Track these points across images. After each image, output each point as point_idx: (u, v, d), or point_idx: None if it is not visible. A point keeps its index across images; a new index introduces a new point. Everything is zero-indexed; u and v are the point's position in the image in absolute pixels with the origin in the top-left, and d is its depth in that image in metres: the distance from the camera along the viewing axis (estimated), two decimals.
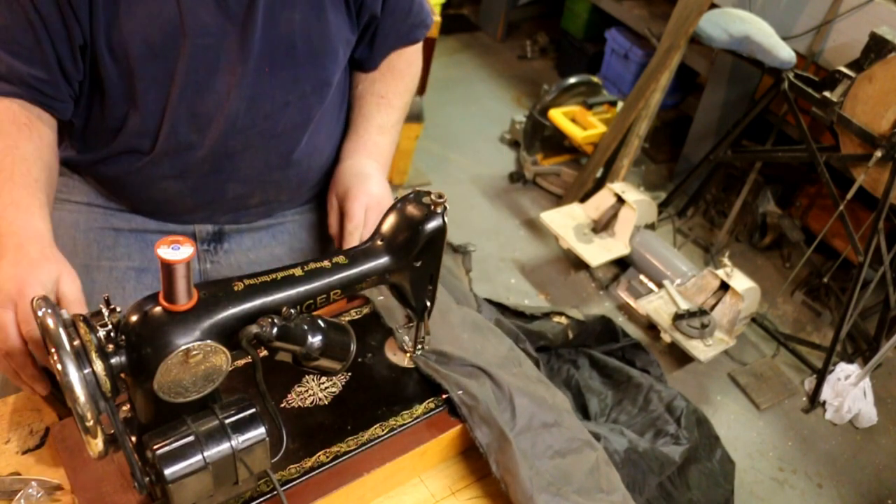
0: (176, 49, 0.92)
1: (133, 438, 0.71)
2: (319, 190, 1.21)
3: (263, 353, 0.72)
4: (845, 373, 2.25)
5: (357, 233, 1.03)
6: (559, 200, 2.94)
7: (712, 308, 2.31)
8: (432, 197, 0.81)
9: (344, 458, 0.83)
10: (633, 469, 1.38)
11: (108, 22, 0.89)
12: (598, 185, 2.78)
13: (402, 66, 1.19)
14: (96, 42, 0.91)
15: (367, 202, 1.04)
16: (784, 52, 2.26)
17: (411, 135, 2.67)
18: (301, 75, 1.01)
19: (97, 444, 0.64)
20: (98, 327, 0.64)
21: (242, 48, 0.94)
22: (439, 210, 0.81)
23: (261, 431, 0.69)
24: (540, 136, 2.99)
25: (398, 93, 1.18)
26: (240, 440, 0.68)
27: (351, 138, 1.15)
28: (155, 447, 0.66)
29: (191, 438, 0.67)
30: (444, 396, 0.91)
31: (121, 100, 0.96)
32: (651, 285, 2.50)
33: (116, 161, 1.03)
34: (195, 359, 0.66)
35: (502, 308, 1.89)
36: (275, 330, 0.69)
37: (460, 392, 0.90)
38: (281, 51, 0.97)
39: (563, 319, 1.80)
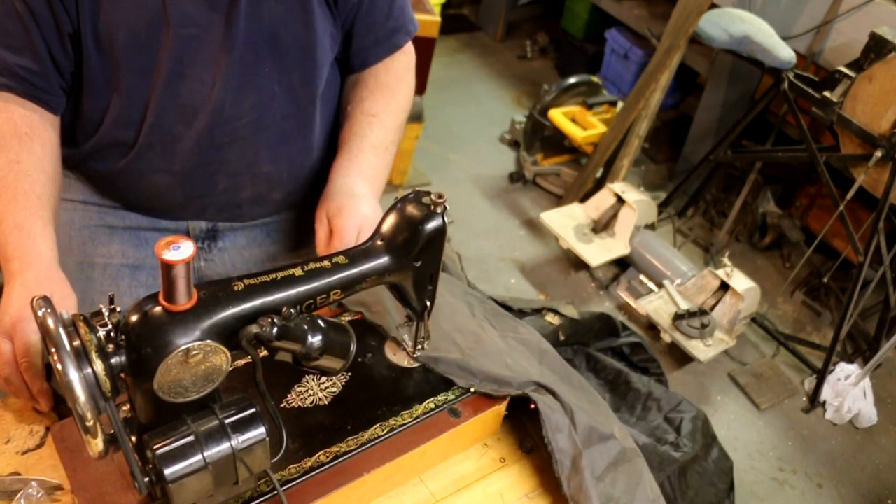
0: (159, 39, 0.92)
1: (133, 438, 0.70)
2: (312, 189, 1.21)
3: (263, 353, 0.72)
4: (845, 373, 2.24)
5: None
6: (559, 200, 2.94)
7: (712, 308, 2.31)
8: (432, 197, 0.81)
9: (344, 458, 0.83)
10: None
11: (93, 11, 0.90)
12: (598, 185, 2.78)
13: (391, 83, 1.16)
14: (81, 31, 0.91)
15: (360, 224, 1.01)
16: (784, 52, 2.26)
17: (411, 135, 2.67)
18: (287, 66, 1.01)
19: (97, 444, 0.64)
20: (98, 327, 0.64)
21: (226, 38, 0.94)
22: (439, 210, 0.81)
23: (261, 431, 0.69)
24: (540, 136, 2.99)
25: (390, 111, 1.15)
26: (240, 440, 0.68)
27: (343, 157, 1.11)
28: (155, 447, 0.66)
29: (191, 438, 0.67)
30: (532, 406, 0.90)
31: (104, 89, 0.96)
32: (651, 285, 2.50)
33: (103, 155, 1.03)
34: (195, 359, 0.66)
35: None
36: (275, 330, 0.69)
37: (543, 399, 0.89)
38: (265, 41, 0.97)
39: (556, 319, 1.79)
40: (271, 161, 1.08)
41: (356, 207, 1.01)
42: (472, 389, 0.91)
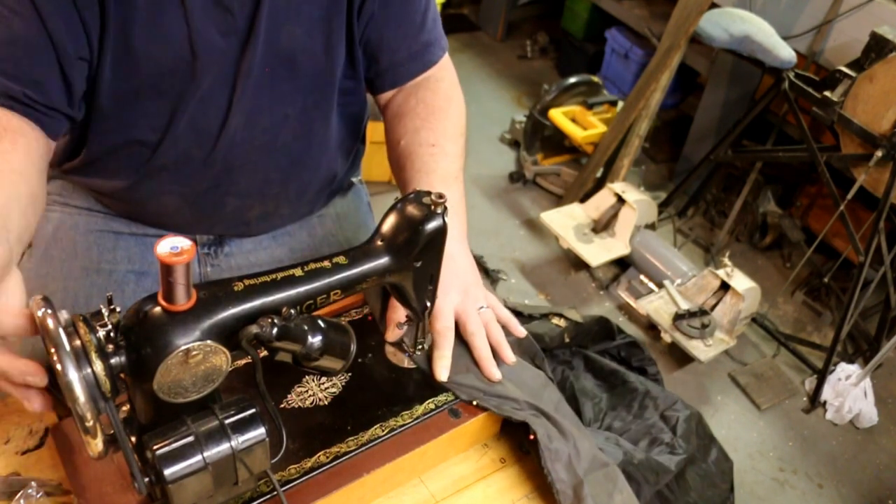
0: (184, 68, 0.90)
1: (133, 438, 0.70)
2: (319, 203, 1.20)
3: (263, 353, 0.72)
4: (846, 373, 2.24)
5: (449, 334, 0.93)
6: (559, 200, 2.94)
7: (713, 308, 2.31)
8: (432, 197, 0.81)
9: (344, 458, 0.83)
10: (629, 481, 1.37)
11: (120, 40, 0.87)
12: (598, 185, 2.78)
13: (442, 105, 1.08)
14: (102, 58, 0.88)
15: (465, 287, 0.94)
16: (784, 52, 2.26)
17: None
18: (302, 89, 0.99)
19: (97, 444, 0.64)
20: (98, 327, 0.64)
21: (244, 63, 0.93)
22: (439, 210, 0.81)
23: (261, 432, 0.69)
24: (540, 136, 2.99)
25: (449, 136, 1.06)
26: (240, 440, 0.68)
27: None
28: (155, 447, 0.66)
29: (191, 439, 0.67)
30: (532, 437, 0.88)
31: (117, 113, 0.94)
32: (651, 285, 2.50)
33: (113, 173, 1.02)
34: (195, 359, 0.66)
35: None
36: (275, 330, 0.69)
37: (543, 432, 0.87)
38: (282, 65, 0.95)
39: (562, 322, 1.80)
40: (281, 182, 1.07)
41: (452, 272, 0.93)
42: (475, 403, 0.91)
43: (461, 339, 0.96)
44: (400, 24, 1.03)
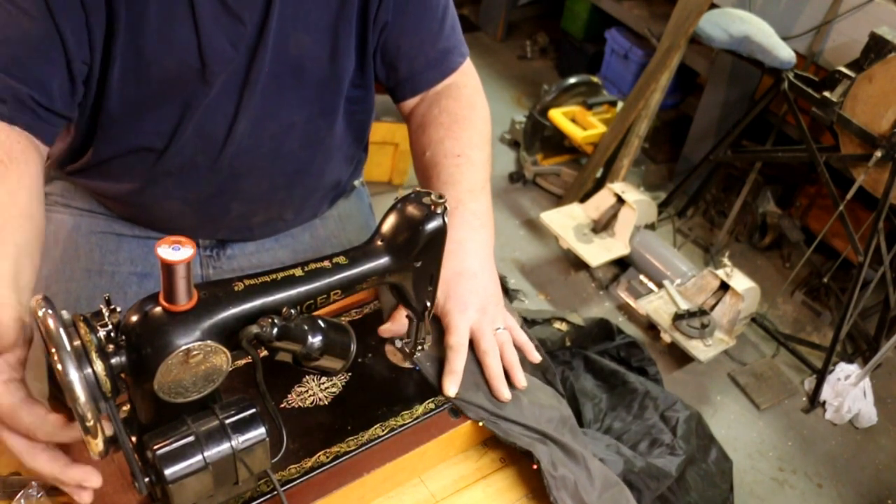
0: (193, 75, 0.90)
1: (133, 438, 0.70)
2: (322, 208, 1.20)
3: (264, 353, 0.72)
4: (845, 373, 2.25)
5: (462, 350, 0.91)
6: (559, 200, 2.94)
7: (712, 308, 2.31)
8: (432, 197, 0.81)
9: (344, 458, 0.83)
10: (630, 489, 1.38)
11: (130, 47, 0.87)
12: (598, 185, 2.78)
13: (466, 113, 1.07)
14: (112, 66, 0.88)
15: (483, 303, 0.93)
16: (784, 52, 2.26)
17: None
18: (309, 97, 0.99)
19: (97, 444, 0.64)
20: (98, 327, 0.64)
21: (251, 71, 0.93)
22: (439, 210, 0.81)
23: (261, 431, 0.69)
24: (540, 136, 2.99)
25: (475, 145, 1.04)
26: (240, 440, 0.68)
27: None
28: (155, 447, 0.66)
29: (191, 438, 0.67)
30: (535, 467, 0.87)
31: (122, 118, 0.94)
32: (651, 285, 2.50)
33: (120, 179, 1.02)
34: (195, 359, 0.66)
35: None
36: (275, 330, 0.69)
37: (549, 467, 0.86)
38: (289, 73, 0.95)
39: (564, 326, 1.80)
40: (286, 188, 1.07)
41: (472, 290, 0.93)
42: (481, 424, 0.90)
43: (474, 357, 0.95)
44: (417, 32, 1.02)
